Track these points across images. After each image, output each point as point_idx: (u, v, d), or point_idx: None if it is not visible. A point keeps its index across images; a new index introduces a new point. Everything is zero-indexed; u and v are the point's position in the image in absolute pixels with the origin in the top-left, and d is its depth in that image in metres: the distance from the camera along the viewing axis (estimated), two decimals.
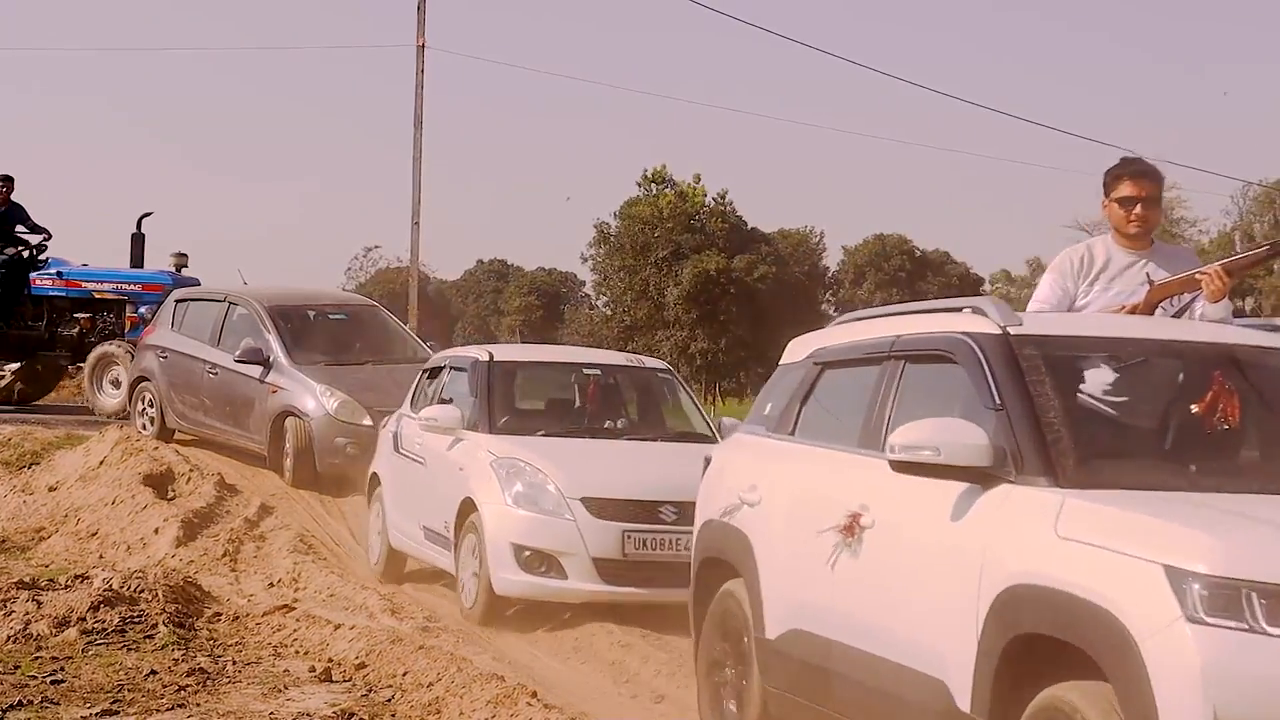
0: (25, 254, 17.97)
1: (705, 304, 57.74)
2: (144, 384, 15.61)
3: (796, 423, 6.22)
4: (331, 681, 7.78)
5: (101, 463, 14.22)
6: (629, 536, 9.08)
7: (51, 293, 17.97)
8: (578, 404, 11.05)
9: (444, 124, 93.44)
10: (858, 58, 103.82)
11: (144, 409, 15.59)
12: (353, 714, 7.05)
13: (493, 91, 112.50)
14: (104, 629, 8.59)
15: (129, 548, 11.89)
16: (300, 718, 6.97)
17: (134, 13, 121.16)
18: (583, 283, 70.39)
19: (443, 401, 10.81)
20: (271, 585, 10.65)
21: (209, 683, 7.61)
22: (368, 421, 13.10)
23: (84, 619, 8.67)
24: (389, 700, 7.37)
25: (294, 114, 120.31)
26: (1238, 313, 14.27)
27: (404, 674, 7.69)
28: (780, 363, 6.67)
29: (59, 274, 18.00)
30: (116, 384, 17.00)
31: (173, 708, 7.09)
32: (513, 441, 9.91)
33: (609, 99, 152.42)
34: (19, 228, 18.10)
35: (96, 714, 6.88)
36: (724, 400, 51.45)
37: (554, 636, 9.15)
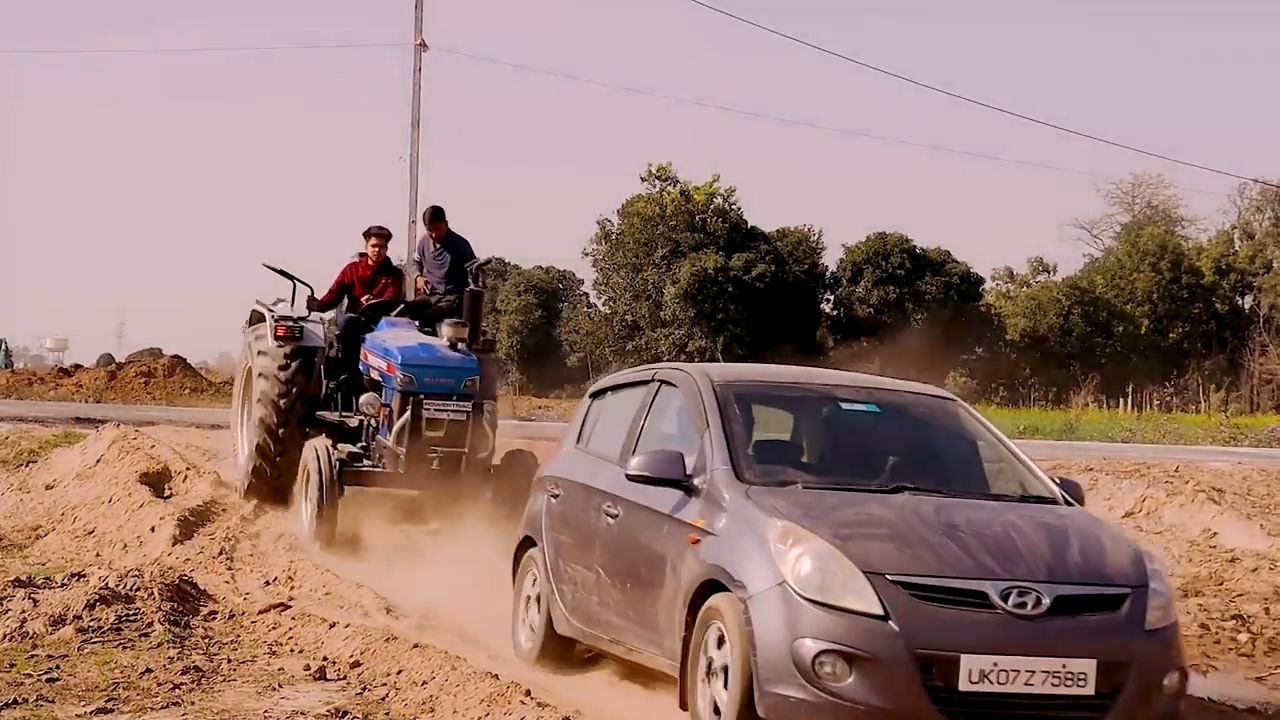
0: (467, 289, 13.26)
1: (703, 303, 57.75)
2: (530, 550, 8.74)
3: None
4: (326, 680, 7.81)
5: (98, 461, 14.29)
6: None
7: (361, 367, 13.32)
8: None
9: (441, 122, 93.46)
10: (857, 56, 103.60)
11: (528, 597, 8.68)
12: (347, 712, 7.06)
13: (490, 89, 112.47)
14: (100, 627, 8.60)
15: (125, 546, 11.92)
16: (294, 716, 7.00)
17: (130, 11, 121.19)
18: (580, 280, 70.39)
19: None
20: (267, 583, 10.67)
21: (204, 681, 7.63)
22: (859, 606, 6.17)
23: (80, 617, 8.69)
24: (383, 698, 7.39)
25: (290, 112, 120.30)
26: None
27: (398, 672, 7.71)
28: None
29: (362, 338, 13.36)
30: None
31: (167, 706, 7.11)
32: None
33: (606, 97, 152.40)
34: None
35: (91, 712, 6.90)
36: None
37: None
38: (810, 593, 6.18)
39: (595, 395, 9.05)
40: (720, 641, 6.47)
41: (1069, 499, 7.37)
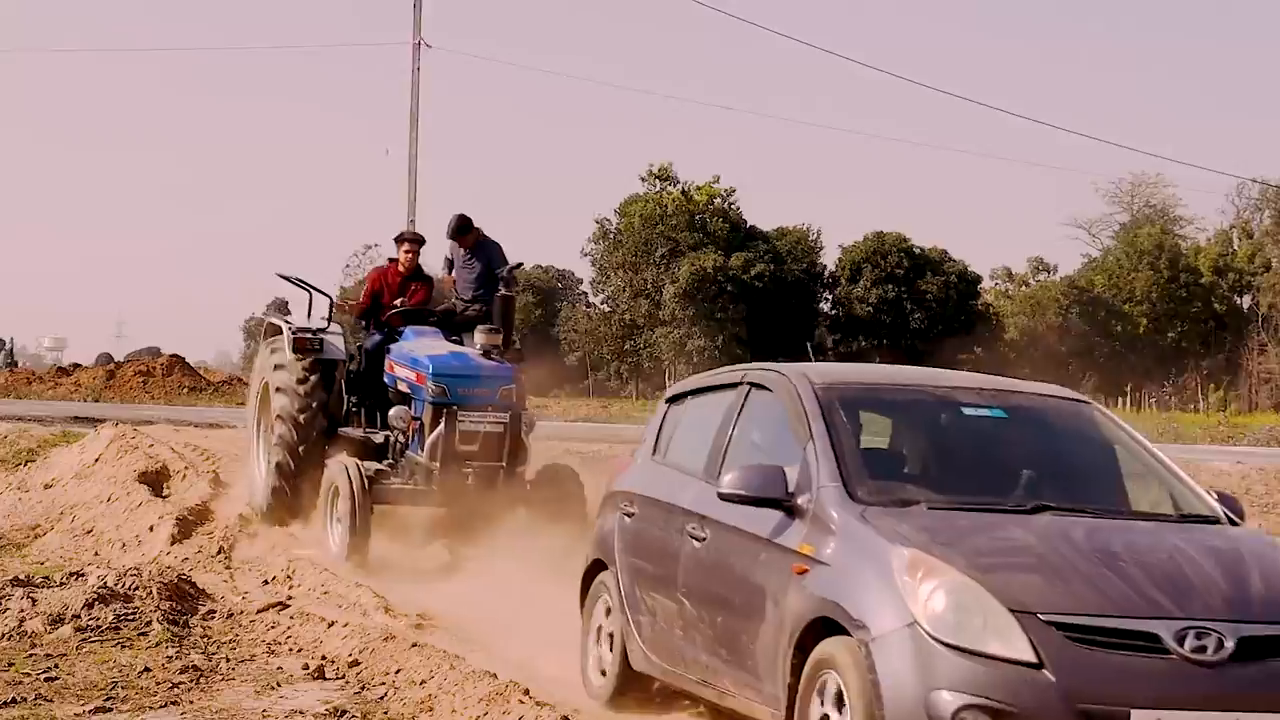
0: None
1: (702, 302, 57.80)
2: (601, 575, 7.74)
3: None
4: (325, 679, 7.80)
5: (97, 460, 14.29)
6: None
7: (386, 379, 12.57)
8: None
9: (440, 120, 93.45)
10: (857, 55, 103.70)
11: (599, 628, 7.68)
12: (345, 711, 7.06)
13: (489, 88, 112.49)
14: (98, 626, 8.60)
15: (124, 545, 11.92)
16: (293, 715, 6.99)
17: (117, 12, 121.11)
18: (579, 280, 70.41)
19: None
20: (266, 583, 10.66)
21: (202, 680, 7.63)
22: (1006, 651, 5.16)
23: (78, 616, 8.69)
24: (382, 698, 7.39)
25: (290, 112, 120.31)
26: None
27: (397, 671, 7.70)
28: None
29: (387, 349, 12.62)
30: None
31: (166, 705, 7.11)
32: None
33: (605, 96, 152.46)
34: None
35: (90, 711, 6.90)
36: None
37: (547, 635, 9.16)
38: (946, 635, 5.15)
39: (673, 400, 7.91)
40: (840, 700, 5.39)
41: (1232, 517, 6.27)
